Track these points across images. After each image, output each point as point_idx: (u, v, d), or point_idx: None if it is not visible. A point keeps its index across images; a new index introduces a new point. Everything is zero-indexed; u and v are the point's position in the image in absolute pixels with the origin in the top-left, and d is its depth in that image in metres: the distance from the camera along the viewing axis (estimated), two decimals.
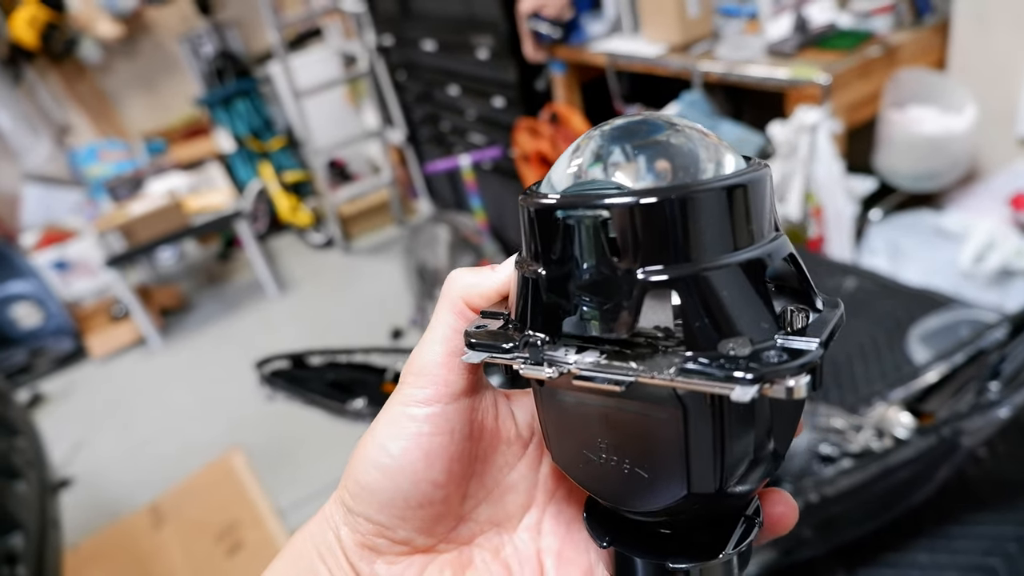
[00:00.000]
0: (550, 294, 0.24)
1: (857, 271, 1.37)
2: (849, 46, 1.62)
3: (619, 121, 0.26)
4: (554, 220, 0.24)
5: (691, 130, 0.25)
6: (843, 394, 1.11)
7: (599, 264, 0.23)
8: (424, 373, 0.29)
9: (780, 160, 1.56)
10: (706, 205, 0.22)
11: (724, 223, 0.23)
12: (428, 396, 0.29)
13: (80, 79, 4.04)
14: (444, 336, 0.30)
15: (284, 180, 3.91)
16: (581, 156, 0.26)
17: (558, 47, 2.29)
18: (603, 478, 0.27)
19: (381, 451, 0.29)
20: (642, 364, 0.22)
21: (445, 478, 0.30)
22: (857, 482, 0.79)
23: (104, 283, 3.57)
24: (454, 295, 0.30)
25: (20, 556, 1.28)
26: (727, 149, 0.25)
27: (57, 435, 2.73)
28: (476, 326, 0.28)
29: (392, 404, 0.30)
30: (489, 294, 0.30)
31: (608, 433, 0.26)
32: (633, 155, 0.24)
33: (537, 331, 0.25)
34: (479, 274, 0.30)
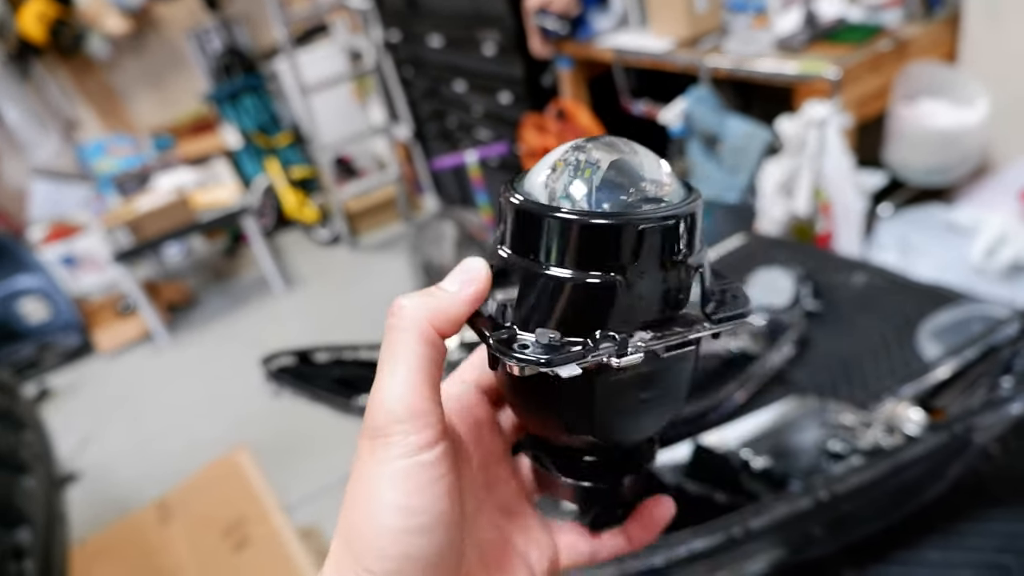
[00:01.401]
0: (630, 296, 0.28)
1: (867, 267, 1.36)
2: (859, 40, 1.60)
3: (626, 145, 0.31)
4: (635, 232, 0.28)
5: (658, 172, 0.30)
6: (853, 390, 1.10)
7: (666, 261, 0.29)
8: (418, 415, 0.27)
9: (789, 155, 1.54)
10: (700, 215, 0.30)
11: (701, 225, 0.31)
12: (431, 437, 0.27)
13: (88, 74, 4.05)
14: (421, 369, 0.28)
15: (291, 176, 3.91)
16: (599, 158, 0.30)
17: (565, 42, 2.28)
18: (634, 424, 0.33)
19: (405, 513, 0.26)
20: (682, 326, 0.30)
21: (463, 510, 0.29)
22: (868, 479, 0.78)
23: (111, 278, 3.58)
24: (422, 324, 0.28)
25: (27, 550, 1.28)
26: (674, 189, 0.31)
27: (64, 430, 2.74)
28: (519, 346, 0.28)
29: (386, 460, 0.27)
30: (461, 317, 0.29)
31: (645, 388, 0.32)
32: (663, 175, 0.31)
33: (602, 327, 0.28)
34: (443, 296, 0.29)
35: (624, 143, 0.31)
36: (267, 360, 1.02)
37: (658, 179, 0.30)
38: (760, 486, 0.90)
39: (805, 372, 1.14)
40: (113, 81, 4.14)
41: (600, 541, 0.36)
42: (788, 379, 1.13)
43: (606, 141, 0.31)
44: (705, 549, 0.76)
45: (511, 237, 0.30)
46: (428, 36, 3.01)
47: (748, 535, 0.77)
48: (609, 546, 0.36)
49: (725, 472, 0.89)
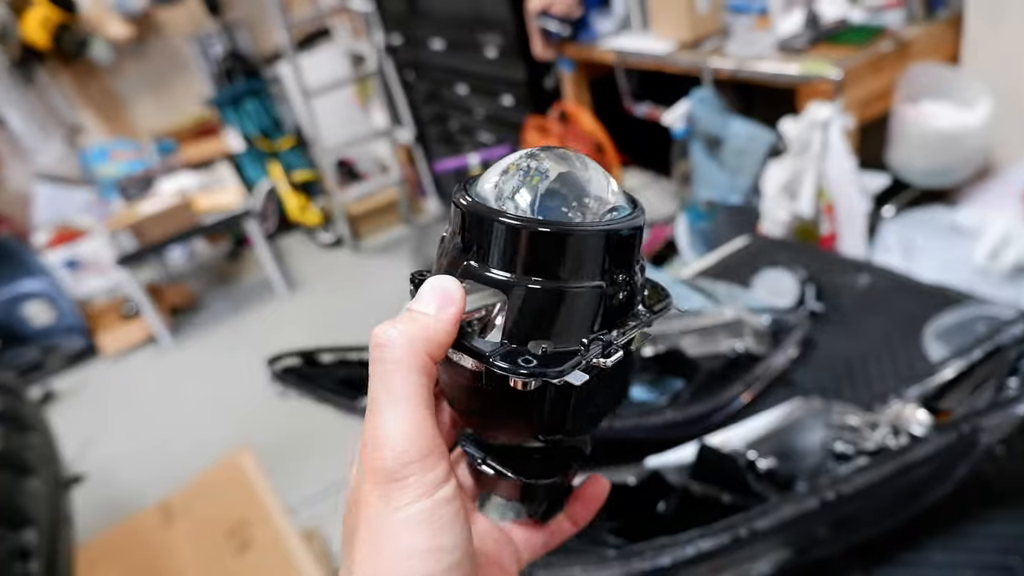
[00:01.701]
0: (613, 299, 0.30)
1: (871, 268, 1.36)
2: (861, 41, 1.61)
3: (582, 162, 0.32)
4: (621, 236, 0.30)
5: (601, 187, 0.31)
6: (857, 392, 1.10)
7: (632, 263, 0.31)
8: (430, 453, 0.26)
9: (792, 156, 1.54)
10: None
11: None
12: (445, 471, 0.26)
13: (91, 79, 4.06)
14: (423, 402, 0.27)
15: (293, 179, 3.92)
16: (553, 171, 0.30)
17: (567, 45, 2.28)
18: (599, 418, 0.35)
19: (438, 555, 0.25)
20: (633, 320, 0.32)
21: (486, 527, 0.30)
22: (874, 479, 0.78)
23: (115, 282, 3.59)
24: (417, 353, 0.27)
25: (33, 552, 1.28)
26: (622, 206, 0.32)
27: (68, 432, 2.74)
28: (525, 358, 0.28)
29: (408, 503, 0.26)
30: (447, 341, 0.28)
31: (612, 382, 0.34)
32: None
33: (590, 333, 0.30)
34: (424, 323, 0.27)
35: (577, 157, 0.32)
36: (272, 361, 1.03)
37: (603, 195, 0.31)
38: (766, 487, 0.90)
39: (809, 373, 1.14)
40: (116, 86, 4.16)
41: (550, 530, 0.36)
42: (792, 380, 1.13)
43: (559, 153, 0.31)
44: (711, 549, 0.76)
45: (482, 250, 0.29)
46: (430, 39, 3.01)
47: (754, 535, 0.76)
48: (559, 532, 0.36)
49: (731, 473, 0.89)
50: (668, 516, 0.90)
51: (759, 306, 1.23)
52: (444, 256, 0.31)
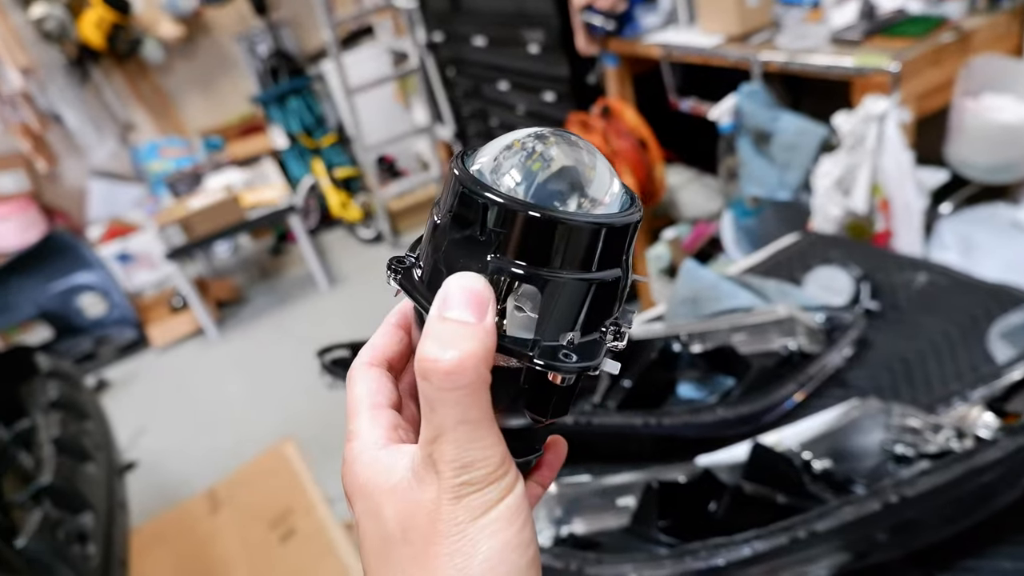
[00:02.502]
0: (625, 286, 0.31)
1: (928, 266, 1.32)
2: (920, 32, 1.56)
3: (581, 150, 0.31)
4: (633, 231, 0.31)
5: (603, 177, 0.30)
6: (916, 393, 1.06)
7: (625, 256, 0.32)
8: (505, 459, 0.28)
9: (846, 151, 1.50)
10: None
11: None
12: (515, 472, 0.28)
13: (143, 78, 4.18)
14: (492, 417, 0.27)
15: (335, 176, 3.98)
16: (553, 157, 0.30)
17: (611, 40, 2.26)
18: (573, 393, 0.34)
19: (525, 547, 0.27)
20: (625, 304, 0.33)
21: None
22: (940, 483, 0.75)
23: (164, 275, 3.70)
24: (480, 370, 0.26)
25: (91, 535, 1.32)
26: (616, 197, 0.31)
27: (120, 420, 2.83)
28: (563, 354, 0.29)
29: (491, 505, 0.27)
30: (493, 349, 0.27)
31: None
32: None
33: (605, 319, 0.30)
34: (477, 336, 0.27)
35: (585, 146, 0.31)
36: (322, 352, 1.04)
37: (604, 188, 0.30)
38: (821, 488, 0.88)
39: (865, 373, 1.11)
40: (166, 84, 4.27)
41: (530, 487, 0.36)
42: (847, 380, 1.10)
43: (569, 140, 0.31)
44: (768, 550, 0.74)
45: (518, 246, 0.28)
46: (472, 36, 3.02)
47: (813, 537, 0.75)
48: (532, 497, 0.35)
49: (785, 473, 0.87)
50: (720, 516, 0.89)
51: (812, 304, 1.20)
52: (443, 238, 0.30)
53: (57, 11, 3.68)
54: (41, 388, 1.66)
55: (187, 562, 2.09)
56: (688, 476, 0.91)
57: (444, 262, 0.29)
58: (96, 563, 1.23)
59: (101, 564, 1.25)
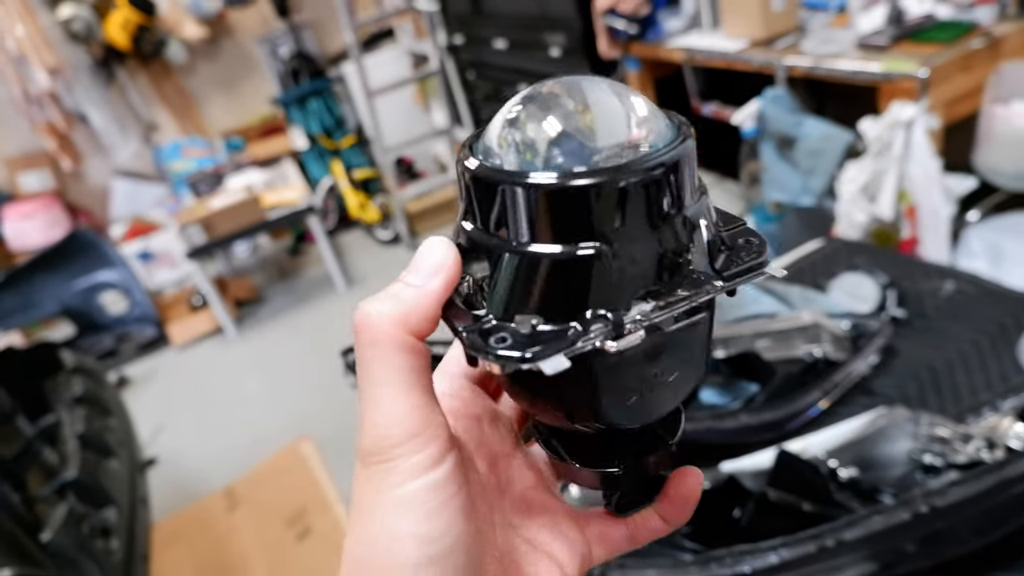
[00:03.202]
0: (620, 265, 0.25)
1: (956, 274, 1.30)
2: (949, 38, 1.54)
3: (585, 93, 0.27)
4: (614, 189, 0.24)
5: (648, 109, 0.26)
6: (944, 402, 1.05)
7: (653, 220, 0.25)
8: (418, 433, 0.24)
9: (872, 157, 1.49)
10: (694, 158, 0.27)
11: (695, 169, 0.27)
12: (437, 453, 0.24)
13: (166, 79, 4.24)
14: (409, 383, 0.25)
15: (354, 177, 4.00)
16: (542, 124, 0.26)
17: (634, 43, 2.26)
18: (648, 403, 0.29)
19: (423, 542, 0.24)
20: (688, 288, 0.26)
21: (477, 523, 0.26)
22: (971, 493, 0.74)
23: (184, 274, 3.73)
24: (394, 332, 0.25)
25: (114, 530, 1.34)
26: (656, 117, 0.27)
27: (140, 417, 2.86)
28: (496, 339, 0.24)
29: (390, 488, 0.24)
30: (434, 313, 0.25)
31: (651, 364, 0.28)
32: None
33: (598, 308, 0.25)
34: (404, 297, 0.25)
35: (588, 81, 0.27)
36: (346, 352, 1.05)
37: (632, 122, 0.26)
38: (848, 497, 0.87)
39: (891, 381, 1.10)
40: (189, 85, 4.32)
41: (635, 525, 0.33)
42: (873, 388, 1.09)
43: (567, 83, 0.27)
44: (795, 558, 0.74)
45: (471, 208, 0.27)
46: (492, 39, 3.03)
47: (841, 546, 0.74)
48: (645, 529, 0.33)
49: (811, 481, 0.86)
50: (745, 522, 0.88)
51: (837, 311, 1.19)
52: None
53: (84, 12, 3.74)
54: (66, 384, 1.69)
55: (205, 559, 2.11)
56: (712, 482, 0.91)
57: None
58: (119, 558, 1.24)
59: (124, 559, 1.26)
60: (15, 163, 3.98)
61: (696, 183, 0.27)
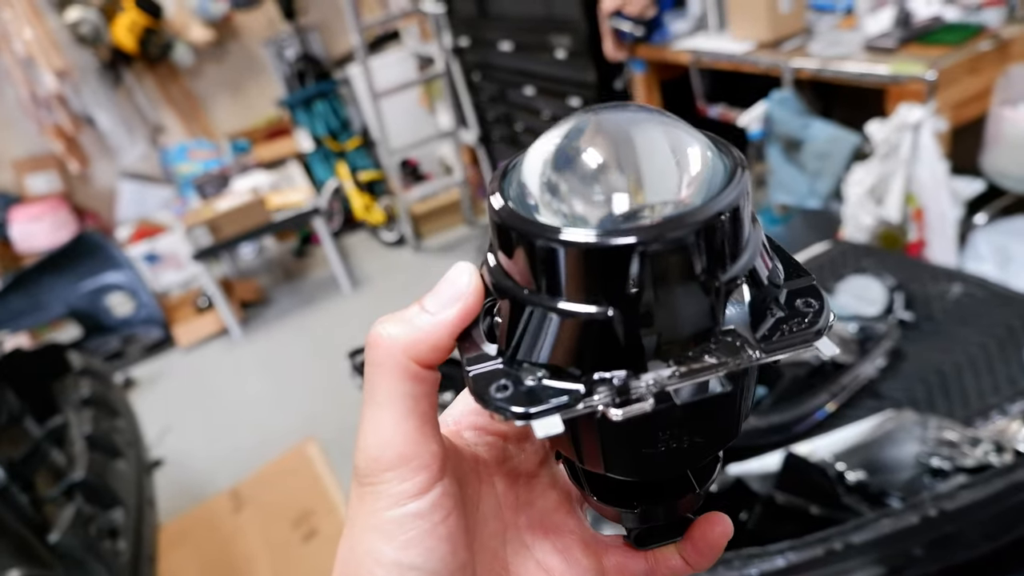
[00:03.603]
0: (631, 330, 0.23)
1: (963, 277, 1.29)
2: (957, 40, 1.54)
3: (628, 130, 0.25)
4: (629, 256, 0.22)
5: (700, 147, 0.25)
6: (952, 405, 1.05)
7: (686, 284, 0.23)
8: (407, 460, 0.25)
9: (879, 160, 1.49)
10: (740, 205, 0.24)
11: (747, 215, 0.25)
12: (424, 483, 0.25)
13: (173, 81, 4.25)
14: (406, 410, 0.25)
15: (359, 179, 4.01)
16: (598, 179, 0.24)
17: (640, 46, 2.26)
18: (661, 463, 0.27)
19: (401, 569, 0.24)
20: (719, 355, 0.23)
21: (468, 553, 0.26)
22: (981, 497, 0.74)
23: (190, 275, 3.75)
24: (398, 358, 0.25)
25: (121, 530, 1.34)
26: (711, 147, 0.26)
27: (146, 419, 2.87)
28: (497, 388, 0.24)
29: (378, 512, 0.25)
30: (444, 344, 0.25)
31: (672, 424, 0.26)
32: (672, 170, 0.24)
33: (610, 368, 0.24)
34: (422, 323, 0.25)
35: (640, 124, 0.25)
36: (354, 354, 1.05)
37: (684, 183, 0.24)
38: (856, 500, 0.87)
39: (899, 384, 1.09)
40: (195, 88, 4.34)
41: (655, 560, 0.32)
42: (881, 391, 1.08)
43: (615, 126, 0.25)
44: (803, 562, 0.74)
45: (494, 243, 0.26)
46: (498, 41, 3.03)
47: (849, 550, 0.74)
48: (665, 567, 0.31)
49: (819, 484, 0.86)
50: (752, 525, 0.88)
51: (845, 313, 1.19)
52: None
53: (92, 15, 3.76)
54: (74, 386, 1.69)
55: (212, 560, 2.11)
56: (719, 485, 0.90)
57: None
58: (127, 559, 1.25)
59: (131, 560, 1.26)
60: (23, 165, 4.01)
61: (747, 236, 0.24)
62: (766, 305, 0.24)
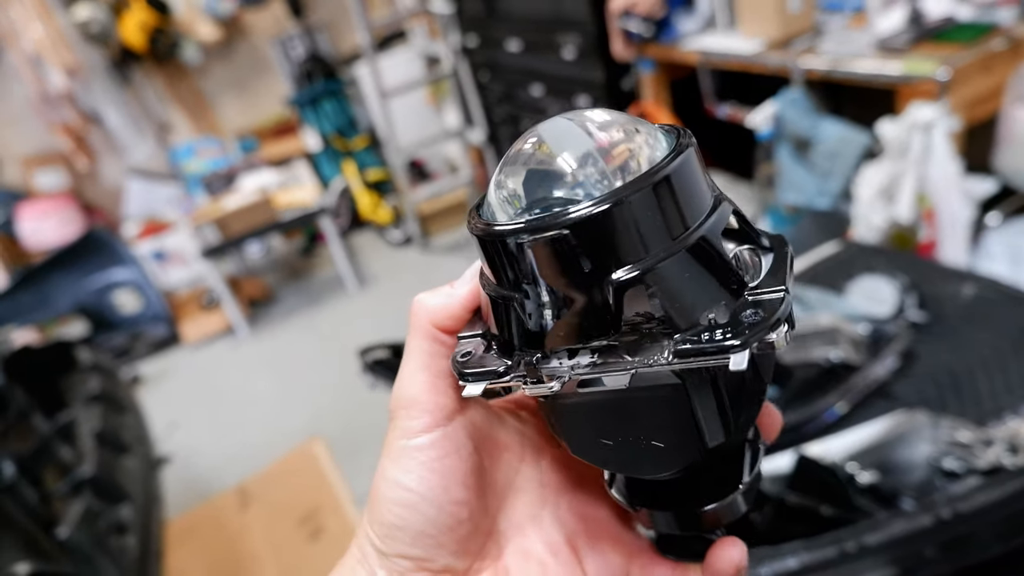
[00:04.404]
0: (529, 314, 0.26)
1: (976, 277, 1.28)
2: (969, 39, 1.52)
3: (543, 133, 0.27)
4: (514, 245, 0.24)
5: (617, 126, 0.26)
6: (964, 407, 1.04)
7: (570, 278, 0.24)
8: (415, 403, 0.30)
9: (890, 159, 1.48)
10: (646, 202, 0.23)
11: (670, 210, 0.24)
12: (426, 423, 0.30)
13: (181, 80, 4.27)
14: (423, 363, 0.30)
15: (366, 178, 4.01)
16: (511, 178, 0.27)
17: (648, 45, 2.25)
18: (623, 457, 0.29)
19: (397, 487, 0.30)
20: (635, 355, 0.24)
21: (466, 494, 0.30)
22: (995, 499, 0.73)
23: (197, 273, 3.75)
24: (422, 321, 0.30)
25: (129, 526, 1.34)
26: (648, 131, 0.26)
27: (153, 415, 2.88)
28: (462, 355, 0.28)
29: (392, 441, 0.30)
30: (457, 313, 0.30)
31: (618, 419, 0.27)
32: (572, 167, 0.25)
33: (525, 348, 0.26)
34: (443, 295, 0.31)
35: (580, 122, 0.26)
36: (363, 352, 1.05)
37: (588, 171, 0.25)
38: (868, 501, 0.86)
39: (911, 386, 1.08)
40: (203, 86, 4.35)
41: (674, 567, 0.33)
42: (892, 392, 1.08)
43: (554, 129, 0.27)
44: (815, 563, 0.73)
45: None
46: (506, 41, 3.03)
47: (862, 551, 0.73)
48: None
49: (831, 485, 0.86)
50: (763, 526, 0.87)
51: (855, 314, 1.18)
52: None
53: (101, 14, 3.77)
54: (82, 382, 1.70)
55: (218, 556, 2.12)
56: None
57: None
58: (135, 555, 1.25)
59: (139, 556, 1.26)
60: (31, 162, 4.02)
61: (684, 226, 0.24)
62: (705, 317, 0.24)
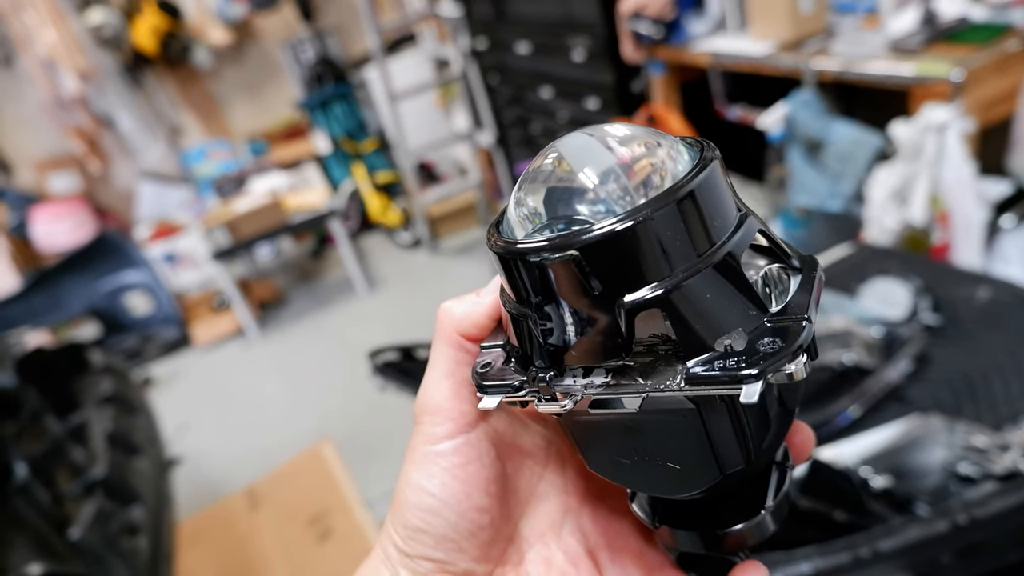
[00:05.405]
0: (546, 331, 0.26)
1: (991, 280, 1.27)
2: (984, 40, 1.51)
3: (563, 149, 0.27)
4: (534, 263, 0.24)
5: (638, 141, 0.26)
6: (980, 411, 1.02)
7: (589, 297, 0.24)
8: (438, 410, 0.30)
9: (903, 161, 1.46)
10: (670, 219, 0.23)
11: (691, 229, 0.23)
12: (449, 430, 0.30)
13: (192, 83, 4.30)
14: (447, 371, 0.30)
15: (375, 181, 4.02)
16: (531, 196, 0.27)
17: (659, 47, 2.25)
18: (640, 476, 0.29)
19: (420, 492, 0.30)
20: (648, 378, 0.24)
21: (488, 501, 0.31)
22: (1012, 505, 0.72)
23: (208, 276, 3.77)
24: (448, 329, 0.31)
25: (140, 528, 1.35)
26: (670, 145, 0.26)
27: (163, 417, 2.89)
28: (481, 366, 0.29)
29: (416, 446, 0.31)
30: (481, 322, 0.30)
31: (633, 439, 0.27)
32: (593, 184, 0.25)
33: (542, 363, 0.26)
34: (468, 303, 0.31)
35: (600, 136, 0.26)
36: (374, 354, 1.05)
37: (610, 187, 0.24)
38: (882, 506, 0.85)
39: (925, 389, 1.07)
40: (214, 89, 4.38)
41: None
42: (906, 396, 1.07)
43: (574, 144, 0.26)
44: (828, 568, 0.72)
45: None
46: (515, 43, 3.03)
47: (876, 557, 0.72)
48: None
49: (844, 489, 0.85)
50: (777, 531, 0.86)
51: (868, 317, 1.17)
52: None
53: (113, 18, 3.80)
54: (94, 383, 1.71)
55: (228, 558, 2.12)
56: None
57: None
58: (146, 556, 1.25)
59: (150, 557, 1.27)
60: (44, 165, 4.06)
61: (708, 245, 0.23)
62: (721, 343, 0.23)
